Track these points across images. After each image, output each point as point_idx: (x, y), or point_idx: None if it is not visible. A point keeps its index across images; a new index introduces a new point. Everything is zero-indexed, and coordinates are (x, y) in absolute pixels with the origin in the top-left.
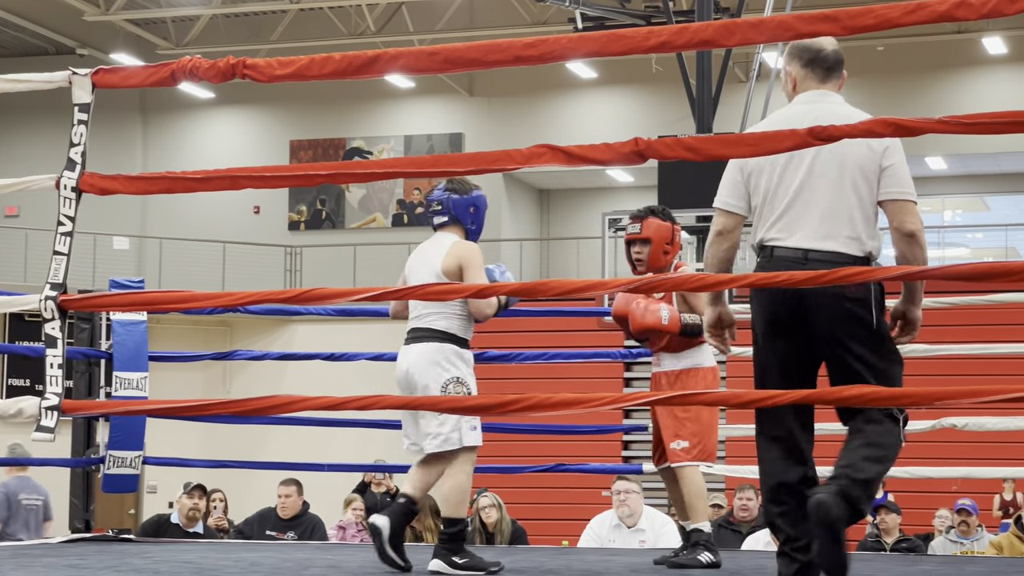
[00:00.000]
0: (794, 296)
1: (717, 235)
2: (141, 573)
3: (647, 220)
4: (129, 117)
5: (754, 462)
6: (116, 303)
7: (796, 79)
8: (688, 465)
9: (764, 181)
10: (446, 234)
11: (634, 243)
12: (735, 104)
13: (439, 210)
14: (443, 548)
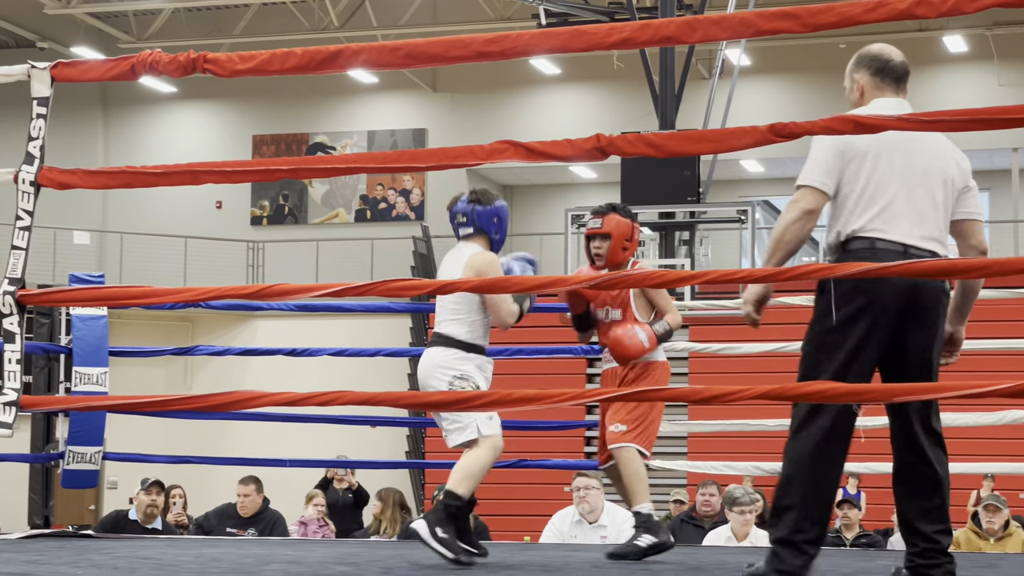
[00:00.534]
0: (910, 287)
1: (807, 213)
2: (100, 569)
3: (608, 216)
4: (90, 111)
5: (714, 457)
6: (76, 298)
7: (864, 87)
8: (625, 446)
9: (866, 170)
10: (469, 244)
11: (594, 238)
12: (698, 101)
13: (464, 222)
14: (435, 515)
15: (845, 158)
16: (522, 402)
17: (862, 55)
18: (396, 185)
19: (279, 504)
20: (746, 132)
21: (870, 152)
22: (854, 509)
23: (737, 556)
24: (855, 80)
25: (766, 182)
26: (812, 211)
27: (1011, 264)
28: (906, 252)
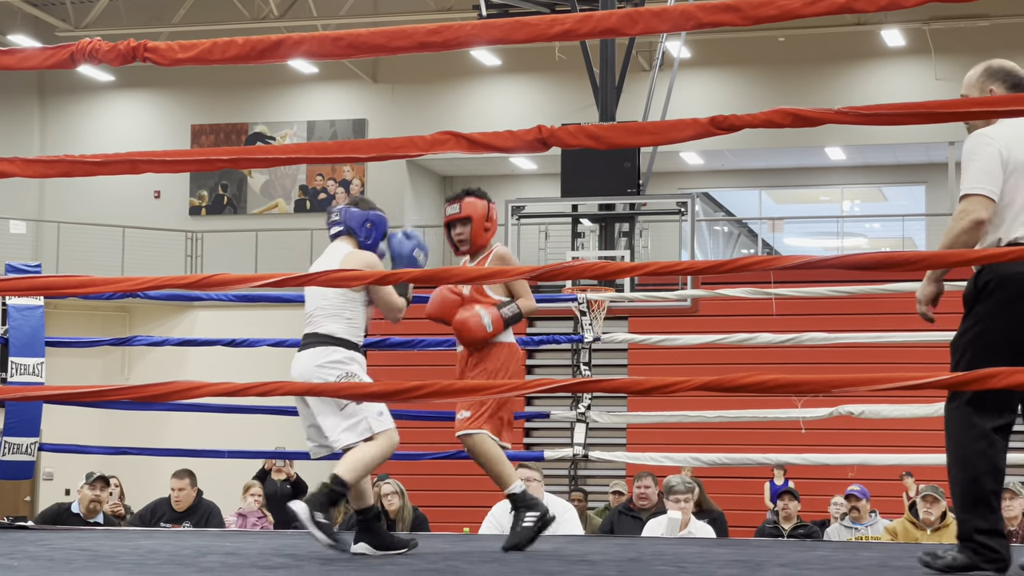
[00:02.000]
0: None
1: (978, 224)
2: (36, 560)
3: (464, 200)
4: (26, 100)
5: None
6: (12, 287)
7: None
8: (474, 433)
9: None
10: (342, 243)
11: (454, 225)
12: (638, 93)
13: (336, 220)
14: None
15: (1007, 170)
16: (465, 392)
17: (996, 69)
18: (336, 176)
19: (217, 495)
20: (687, 124)
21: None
22: (794, 500)
23: (675, 546)
24: (989, 90)
25: (706, 174)
26: (983, 221)
27: (948, 257)
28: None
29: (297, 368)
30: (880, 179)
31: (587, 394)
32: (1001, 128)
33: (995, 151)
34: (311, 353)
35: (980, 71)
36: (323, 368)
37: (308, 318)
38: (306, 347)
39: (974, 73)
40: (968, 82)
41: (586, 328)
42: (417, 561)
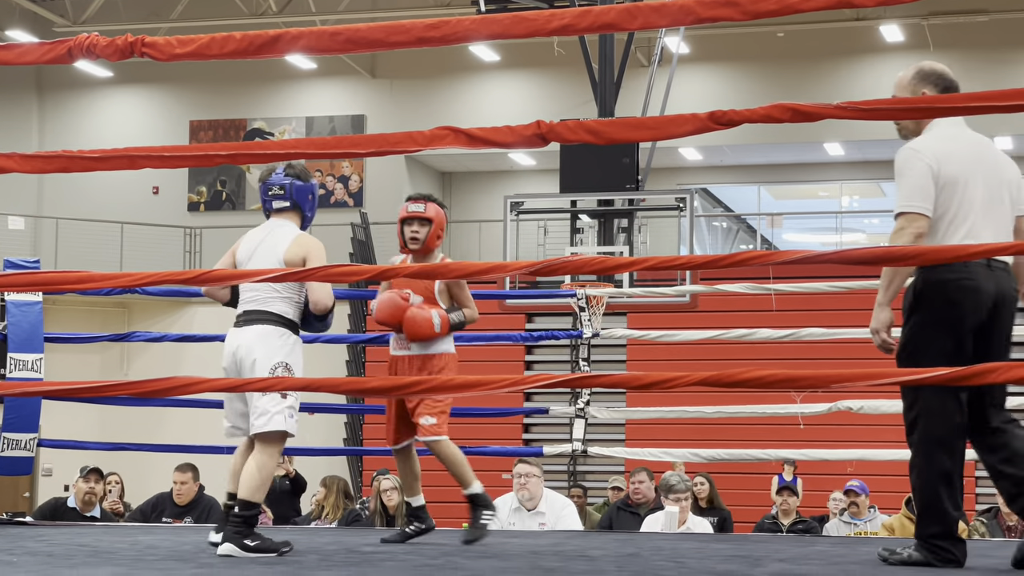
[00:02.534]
0: (998, 293)
1: (919, 238)
2: (35, 556)
3: (429, 203)
4: (24, 96)
5: (652, 444)
6: (11, 283)
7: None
8: (439, 439)
9: (956, 197)
10: (285, 221)
11: (412, 222)
12: (637, 88)
13: (281, 195)
14: (234, 531)
15: (939, 184)
16: (463, 388)
17: (927, 73)
18: (335, 171)
19: (216, 491)
20: (686, 120)
21: (959, 180)
22: (793, 496)
23: (673, 542)
24: (923, 94)
25: (704, 170)
26: (923, 235)
27: (946, 252)
28: (989, 264)
29: (235, 343)
30: (879, 175)
31: (586, 390)
32: (929, 141)
33: (925, 166)
34: (259, 329)
35: (912, 74)
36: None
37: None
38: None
39: (906, 75)
40: (900, 84)
41: (585, 324)
42: (416, 556)
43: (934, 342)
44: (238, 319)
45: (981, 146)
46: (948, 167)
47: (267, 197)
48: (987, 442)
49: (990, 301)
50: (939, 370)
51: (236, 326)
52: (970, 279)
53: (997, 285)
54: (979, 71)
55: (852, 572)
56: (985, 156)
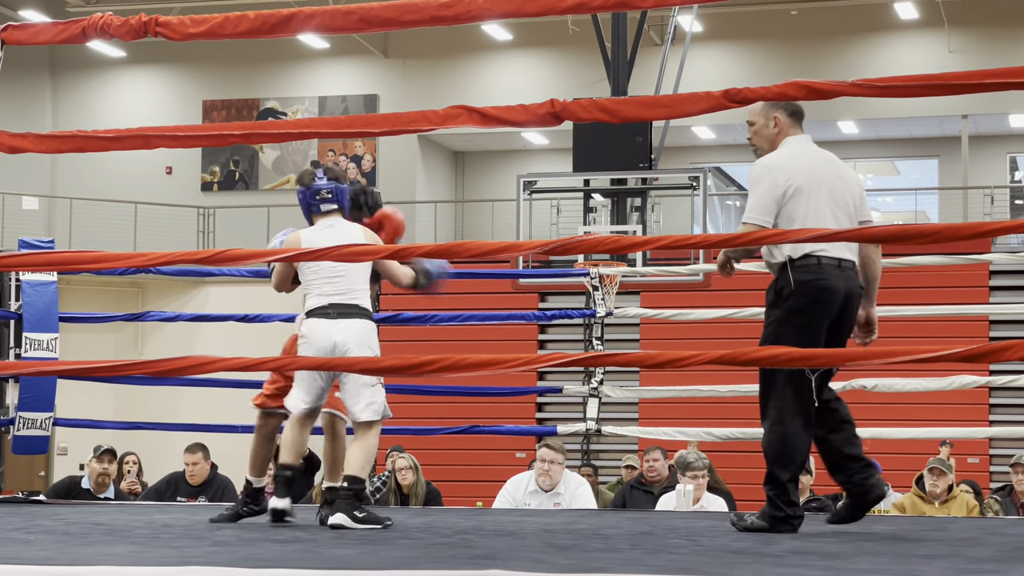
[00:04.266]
0: (847, 291)
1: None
2: (52, 535)
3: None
4: (38, 76)
5: (665, 423)
6: (26, 263)
7: (783, 124)
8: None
9: (803, 203)
10: (339, 219)
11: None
12: (650, 67)
13: (329, 198)
14: (346, 503)
15: (788, 194)
16: (478, 367)
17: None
18: (347, 151)
19: (231, 470)
20: (700, 98)
21: (805, 188)
22: (806, 475)
23: (688, 520)
24: (775, 117)
25: (718, 148)
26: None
27: (962, 229)
28: (840, 265)
29: (336, 336)
30: (893, 153)
31: (600, 368)
32: (782, 156)
33: (772, 182)
34: (357, 325)
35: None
36: (367, 346)
37: (340, 289)
38: (347, 316)
39: (757, 104)
40: (753, 111)
41: (598, 303)
42: (431, 535)
43: (794, 335)
44: (326, 310)
45: (828, 162)
46: (797, 179)
47: (314, 200)
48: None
49: (841, 298)
50: (953, 347)
51: (327, 317)
52: (825, 279)
53: (847, 284)
54: (994, 48)
55: (865, 549)
56: (831, 170)
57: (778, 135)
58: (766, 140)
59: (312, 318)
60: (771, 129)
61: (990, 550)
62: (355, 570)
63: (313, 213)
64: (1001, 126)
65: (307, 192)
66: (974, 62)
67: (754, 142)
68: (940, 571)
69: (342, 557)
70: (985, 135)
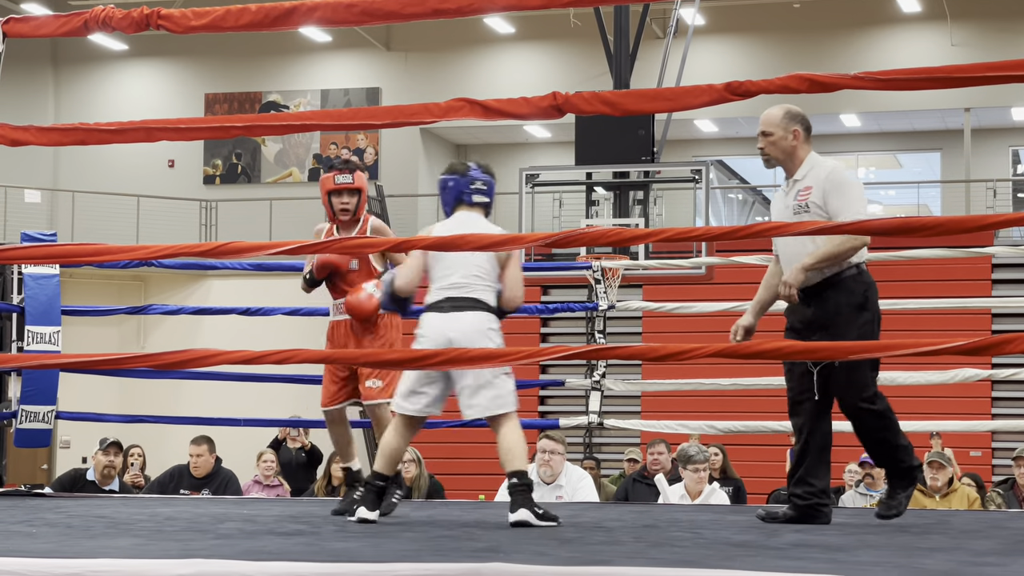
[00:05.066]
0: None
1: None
2: (54, 527)
3: (356, 172)
4: (40, 70)
5: (668, 416)
6: (28, 255)
7: (800, 138)
8: (383, 402)
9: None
10: (480, 216)
11: (342, 193)
12: (652, 60)
13: (484, 190)
14: (524, 499)
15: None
16: (481, 360)
17: (795, 113)
18: (350, 144)
19: (233, 463)
20: (702, 91)
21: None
22: None
23: (690, 513)
24: (793, 131)
25: (720, 142)
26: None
27: (964, 222)
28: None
29: (455, 329)
30: (895, 146)
31: (602, 362)
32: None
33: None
34: (473, 317)
35: (783, 114)
36: (487, 334)
37: (456, 282)
38: (465, 309)
39: (777, 113)
40: (772, 120)
41: (600, 296)
42: (434, 528)
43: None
44: (441, 304)
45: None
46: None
47: (469, 189)
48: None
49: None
50: (956, 341)
51: (441, 311)
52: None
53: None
54: (996, 41)
55: (868, 542)
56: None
57: (795, 148)
58: (783, 151)
59: (428, 312)
60: (790, 141)
61: (992, 543)
62: (358, 563)
63: (462, 203)
64: (1004, 119)
65: (461, 180)
66: (977, 55)
67: (769, 152)
68: (942, 564)
69: (345, 550)
70: (987, 128)
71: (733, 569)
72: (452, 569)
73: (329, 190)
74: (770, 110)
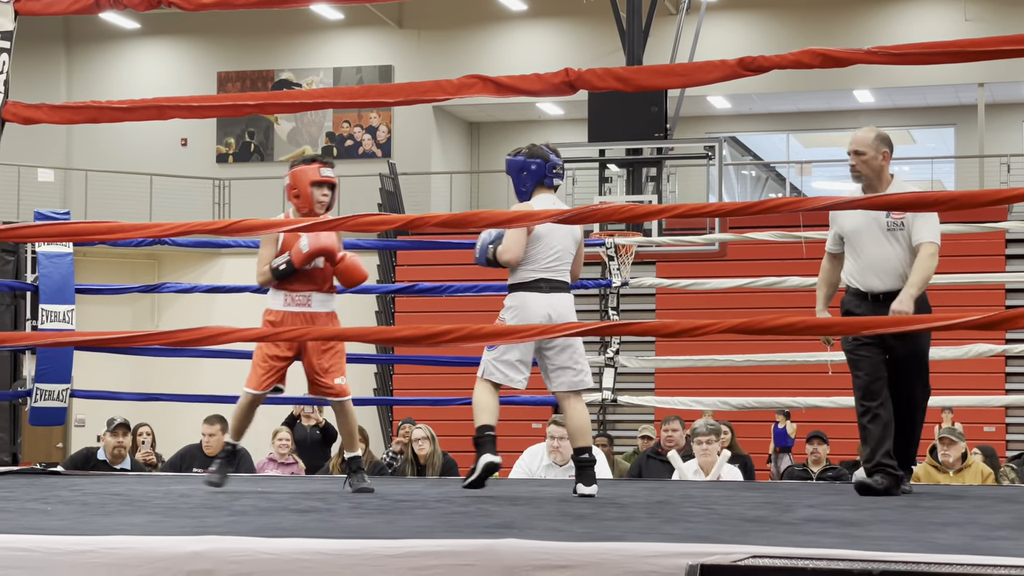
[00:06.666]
0: None
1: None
2: (69, 505)
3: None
4: (52, 49)
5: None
6: (43, 233)
7: (888, 158)
8: (350, 399)
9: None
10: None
11: (324, 185)
12: (665, 37)
13: (560, 174)
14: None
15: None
16: (494, 336)
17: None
18: (362, 122)
19: (245, 442)
20: (715, 66)
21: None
22: (823, 444)
23: (703, 490)
24: (883, 152)
25: (733, 118)
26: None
27: (978, 197)
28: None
29: (551, 308)
30: (909, 121)
31: (615, 338)
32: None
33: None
34: (567, 298)
35: (874, 136)
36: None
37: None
38: (559, 291)
39: (869, 136)
40: (865, 142)
41: (614, 273)
42: (448, 504)
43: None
44: (539, 284)
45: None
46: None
47: (551, 173)
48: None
49: None
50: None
51: (540, 291)
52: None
53: None
54: (1010, 16)
55: (882, 517)
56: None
57: (883, 169)
58: (873, 170)
59: (522, 291)
60: (879, 161)
61: (1005, 517)
62: (373, 539)
63: (544, 185)
64: (1018, 94)
65: (544, 165)
66: (990, 30)
67: (861, 170)
68: (955, 538)
69: (359, 526)
70: (1002, 103)
71: (747, 544)
72: (467, 545)
73: (313, 181)
74: (862, 131)
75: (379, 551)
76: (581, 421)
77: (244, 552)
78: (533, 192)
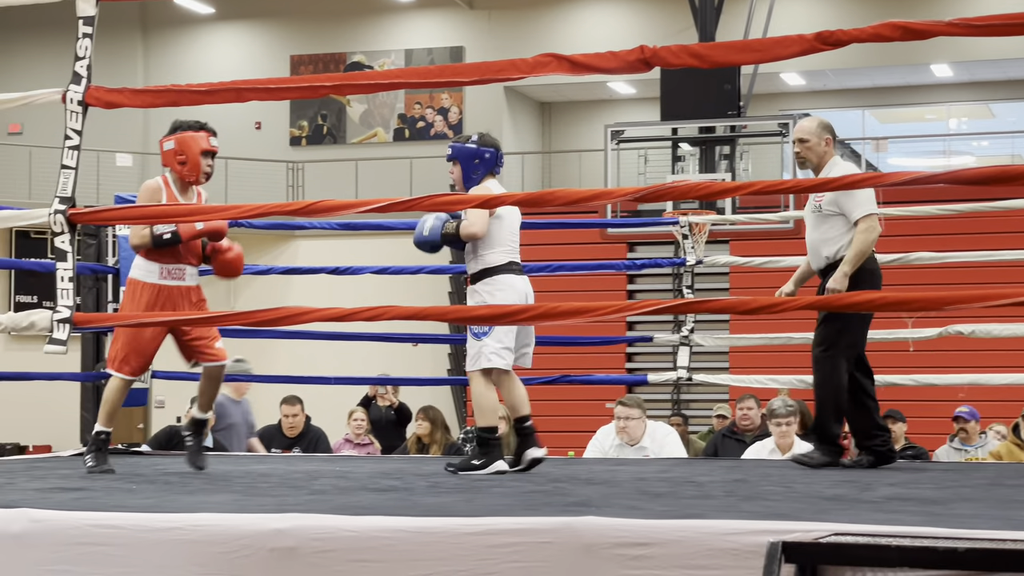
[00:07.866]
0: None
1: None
2: (152, 483)
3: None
4: (129, 35)
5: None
6: (125, 216)
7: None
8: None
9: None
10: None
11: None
12: (738, 14)
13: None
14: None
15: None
16: (571, 314)
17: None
18: (434, 104)
19: (324, 421)
20: (792, 41)
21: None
22: (899, 423)
23: (781, 469)
24: (826, 138)
25: (807, 95)
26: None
27: None
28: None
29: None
30: (988, 95)
31: (690, 316)
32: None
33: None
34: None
35: (816, 124)
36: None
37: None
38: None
39: (812, 124)
40: (808, 130)
41: (688, 251)
42: (525, 483)
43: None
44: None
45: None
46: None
47: (500, 162)
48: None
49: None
50: None
51: (514, 272)
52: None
53: None
54: None
55: (963, 495)
56: None
57: (826, 154)
58: (817, 156)
59: (504, 274)
60: (823, 148)
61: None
62: (451, 517)
63: (492, 173)
64: None
65: (496, 154)
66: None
67: (806, 156)
68: None
69: (438, 505)
70: None
71: (829, 522)
72: (546, 523)
73: (204, 150)
74: (805, 120)
75: (458, 529)
76: (524, 390)
77: (326, 529)
78: (484, 178)
